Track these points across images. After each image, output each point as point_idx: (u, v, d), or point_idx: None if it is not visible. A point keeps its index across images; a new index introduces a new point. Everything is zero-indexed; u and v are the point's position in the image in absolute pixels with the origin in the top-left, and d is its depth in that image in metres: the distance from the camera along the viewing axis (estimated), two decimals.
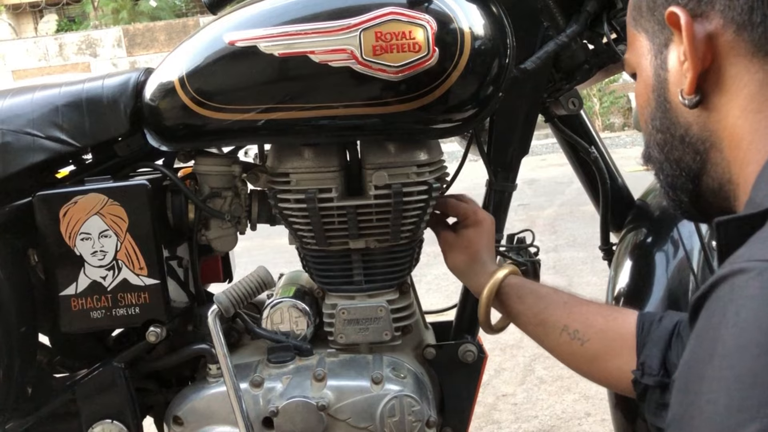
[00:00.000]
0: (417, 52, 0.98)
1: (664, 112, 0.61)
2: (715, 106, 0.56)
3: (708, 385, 0.40)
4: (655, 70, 0.61)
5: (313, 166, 1.10)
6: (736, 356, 0.39)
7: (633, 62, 0.66)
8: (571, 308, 0.97)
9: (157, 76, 1.10)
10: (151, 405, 1.26)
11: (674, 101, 0.59)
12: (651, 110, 0.63)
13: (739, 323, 0.40)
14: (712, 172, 0.59)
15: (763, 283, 0.40)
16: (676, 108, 0.59)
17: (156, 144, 1.13)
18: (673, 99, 0.59)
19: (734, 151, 0.56)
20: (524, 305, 1.02)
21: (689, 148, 0.60)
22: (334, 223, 1.12)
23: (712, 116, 0.57)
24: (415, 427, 1.10)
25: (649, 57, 0.62)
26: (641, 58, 0.64)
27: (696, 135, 0.59)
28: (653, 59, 0.61)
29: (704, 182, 0.61)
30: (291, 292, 1.21)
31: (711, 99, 0.56)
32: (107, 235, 1.09)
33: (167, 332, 1.15)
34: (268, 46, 1.01)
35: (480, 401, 2.25)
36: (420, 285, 3.26)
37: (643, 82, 0.64)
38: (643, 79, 0.64)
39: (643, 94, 0.64)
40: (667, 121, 0.61)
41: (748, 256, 0.43)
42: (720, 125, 0.57)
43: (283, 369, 1.15)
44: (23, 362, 1.13)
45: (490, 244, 1.13)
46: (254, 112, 1.04)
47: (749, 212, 0.49)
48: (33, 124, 1.12)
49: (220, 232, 1.22)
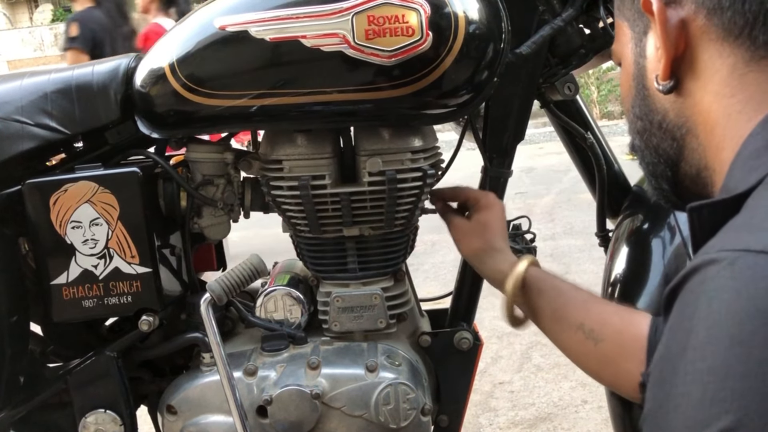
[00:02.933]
0: (410, 36, 0.97)
1: (642, 99, 0.62)
2: (690, 92, 0.57)
3: (681, 378, 0.40)
4: (635, 57, 0.62)
5: (306, 152, 1.09)
6: (709, 348, 0.39)
7: (618, 51, 0.67)
8: (590, 306, 0.93)
9: (148, 62, 1.09)
10: (145, 394, 1.26)
11: (652, 88, 0.60)
12: (632, 98, 0.63)
13: (711, 315, 0.39)
14: (690, 158, 0.60)
15: (734, 274, 0.39)
16: (654, 95, 0.60)
17: (147, 131, 1.11)
18: (650, 86, 0.60)
19: (709, 136, 0.56)
20: (543, 299, 0.98)
21: (666, 134, 0.60)
22: (328, 210, 1.11)
23: (687, 102, 0.58)
24: (410, 414, 1.10)
25: (630, 45, 0.63)
26: (624, 47, 0.64)
27: (672, 121, 0.59)
28: (634, 47, 0.62)
29: (682, 169, 0.61)
30: (285, 280, 1.20)
31: (685, 84, 0.57)
32: (98, 224, 1.08)
33: (160, 321, 1.14)
34: (259, 30, 0.99)
35: (477, 389, 2.25)
36: (417, 273, 3.26)
37: (625, 71, 0.64)
38: (625, 67, 0.65)
39: (625, 82, 0.65)
40: (645, 108, 0.62)
41: (720, 246, 0.42)
42: (694, 110, 0.57)
43: (277, 357, 1.14)
44: (15, 352, 1.12)
45: (504, 229, 1.10)
46: (246, 98, 1.02)
47: (722, 197, 0.48)
48: (22, 111, 1.10)
49: (212, 220, 1.20)
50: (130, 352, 1.19)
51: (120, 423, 1.15)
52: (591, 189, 1.36)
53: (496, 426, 2.14)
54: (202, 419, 1.13)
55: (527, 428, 2.12)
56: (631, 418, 1.14)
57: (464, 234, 1.10)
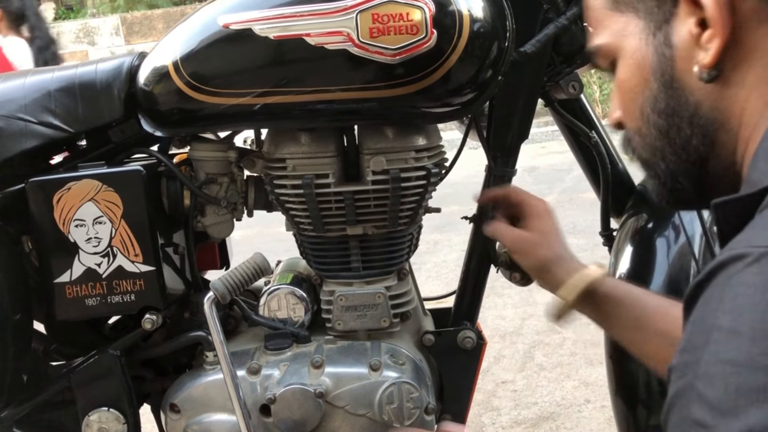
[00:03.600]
0: (415, 35, 0.97)
1: (669, 94, 0.57)
2: (730, 80, 0.53)
3: (704, 370, 0.40)
4: (656, 48, 0.57)
5: (309, 151, 1.09)
6: (733, 341, 0.39)
7: (613, 47, 0.62)
8: (667, 311, 0.90)
9: (151, 60, 1.09)
10: (148, 393, 1.26)
11: (683, 79, 0.56)
12: (650, 94, 0.59)
13: (736, 309, 0.40)
14: (720, 153, 0.56)
15: (761, 269, 0.39)
16: (686, 86, 0.56)
17: (150, 129, 1.11)
18: (681, 77, 0.56)
19: (744, 129, 0.54)
20: (623, 309, 0.94)
21: (698, 129, 0.56)
22: (332, 209, 1.11)
23: (725, 92, 0.54)
24: (413, 413, 1.09)
25: (644, 36, 0.58)
26: (628, 40, 0.60)
27: (706, 115, 0.55)
28: (650, 38, 0.58)
29: (710, 166, 0.58)
30: (288, 279, 1.20)
31: (726, 72, 0.53)
32: (102, 222, 1.08)
33: (163, 319, 1.14)
34: (263, 28, 0.99)
35: (479, 388, 2.25)
36: (420, 272, 3.25)
37: (636, 65, 0.60)
38: (634, 61, 0.60)
39: (634, 77, 0.60)
40: (673, 102, 0.57)
41: (746, 242, 0.42)
42: (732, 101, 0.54)
43: (280, 356, 1.14)
44: (18, 350, 1.12)
45: (563, 234, 1.04)
46: (249, 96, 1.02)
47: (746, 192, 0.47)
48: (25, 109, 1.10)
49: (216, 219, 1.20)
50: (134, 350, 1.19)
51: (123, 421, 1.15)
52: (595, 188, 1.36)
53: (499, 425, 2.14)
54: (206, 418, 1.13)
55: (530, 427, 2.11)
56: (635, 418, 1.14)
57: (531, 245, 1.03)
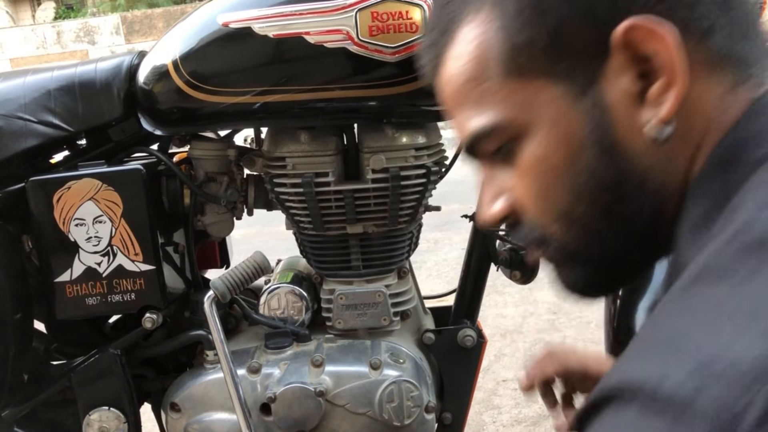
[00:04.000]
0: (414, 33, 0.97)
1: (611, 163, 0.47)
2: (679, 137, 0.46)
3: None
4: (587, 113, 0.47)
5: (309, 149, 1.09)
6: None
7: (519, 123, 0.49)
8: None
9: (151, 59, 1.09)
10: (149, 392, 1.26)
11: (626, 144, 0.47)
12: (585, 167, 0.48)
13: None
14: (668, 223, 0.49)
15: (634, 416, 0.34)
16: (630, 151, 0.47)
17: (150, 128, 1.11)
18: (624, 142, 0.47)
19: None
20: None
21: (648, 197, 0.48)
22: (332, 207, 1.11)
23: (672, 151, 0.46)
24: (413, 412, 1.10)
25: (566, 102, 0.47)
26: (542, 110, 0.48)
27: (657, 180, 0.47)
28: (575, 103, 0.47)
29: (657, 240, 0.50)
30: (289, 278, 1.20)
31: (677, 129, 0.46)
32: (102, 221, 1.08)
33: (164, 318, 1.14)
34: (263, 27, 0.99)
35: (480, 386, 2.25)
36: (420, 271, 3.25)
37: (561, 138, 0.48)
38: (558, 134, 0.48)
39: (559, 152, 0.48)
40: (618, 171, 0.47)
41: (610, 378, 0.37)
42: (680, 160, 0.47)
43: (280, 355, 1.14)
44: (19, 349, 1.12)
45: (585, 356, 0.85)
46: (249, 94, 1.02)
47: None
48: (25, 108, 1.10)
49: (216, 218, 1.20)
50: (134, 349, 1.19)
51: (124, 420, 1.15)
52: None
53: (500, 423, 2.14)
54: (206, 417, 1.13)
55: (531, 426, 2.11)
56: None
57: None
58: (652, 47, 0.44)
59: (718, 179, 0.44)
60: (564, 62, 0.47)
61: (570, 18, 0.45)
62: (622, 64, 0.45)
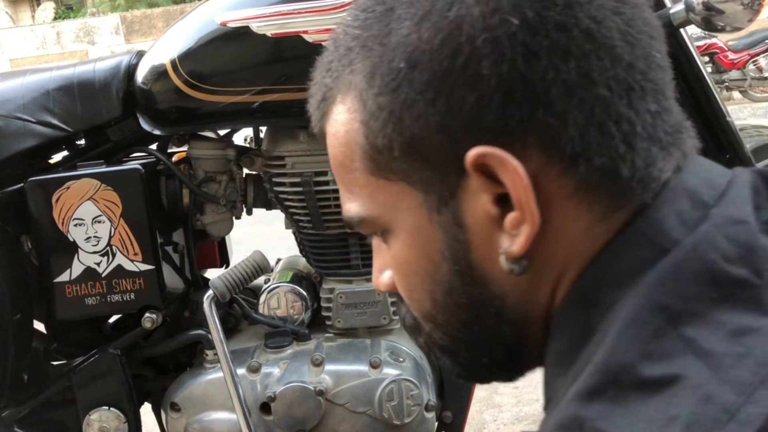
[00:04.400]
0: None
1: (468, 283, 0.45)
2: (538, 266, 0.43)
3: None
4: (444, 228, 0.44)
5: (308, 148, 1.09)
6: None
7: (383, 221, 0.47)
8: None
9: (149, 58, 1.09)
10: (149, 391, 1.26)
11: (483, 267, 0.44)
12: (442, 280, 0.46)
13: None
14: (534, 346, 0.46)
15: None
16: (487, 276, 0.44)
17: (149, 128, 1.11)
18: (480, 265, 0.44)
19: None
20: None
21: (507, 325, 0.45)
22: (331, 206, 1.11)
23: (534, 281, 0.43)
24: (414, 411, 1.09)
25: (425, 213, 0.44)
26: (403, 215, 0.45)
27: (516, 307, 0.45)
28: (433, 215, 0.44)
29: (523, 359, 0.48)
30: (288, 277, 1.20)
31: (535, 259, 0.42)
32: (101, 221, 1.08)
33: (163, 318, 1.14)
34: (261, 26, 0.99)
35: (480, 385, 2.25)
36: None
37: (419, 247, 0.46)
38: (417, 242, 0.46)
39: (419, 261, 0.46)
40: (474, 292, 0.45)
41: None
42: (542, 290, 0.44)
43: (280, 354, 1.14)
44: (18, 350, 1.12)
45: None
46: (248, 94, 1.02)
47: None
48: (24, 108, 1.10)
49: (215, 217, 1.20)
50: (134, 349, 1.19)
51: (124, 420, 1.15)
52: None
53: (501, 422, 2.14)
54: (206, 416, 1.13)
55: (532, 424, 2.11)
56: None
57: None
58: (506, 177, 0.40)
59: (579, 317, 0.42)
60: (422, 172, 0.43)
61: (426, 130, 0.42)
62: (479, 185, 0.41)
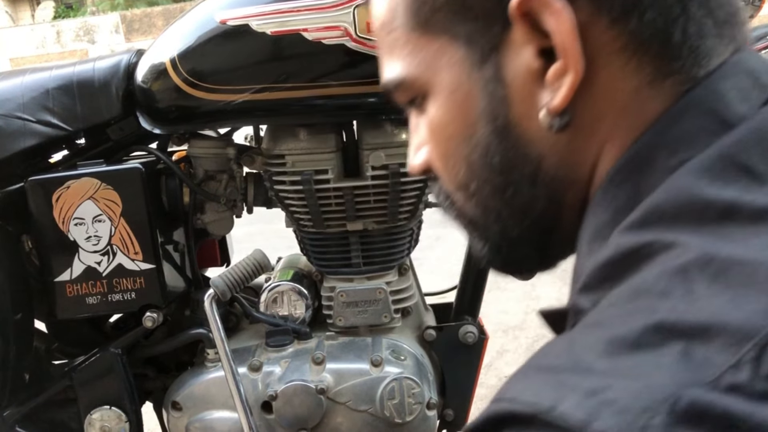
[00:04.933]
0: None
1: (505, 144, 0.43)
2: (581, 128, 0.41)
3: None
4: (484, 85, 0.43)
5: (308, 147, 1.09)
6: None
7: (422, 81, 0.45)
8: None
9: (149, 57, 1.08)
10: (150, 391, 1.26)
11: (522, 126, 0.42)
12: (478, 143, 0.44)
13: None
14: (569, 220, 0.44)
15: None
16: (526, 135, 0.42)
17: (149, 127, 1.11)
18: (519, 123, 0.42)
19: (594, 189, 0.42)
20: None
21: (542, 189, 0.43)
22: (331, 204, 1.10)
23: (575, 143, 0.41)
24: (415, 409, 1.09)
25: (465, 68, 0.43)
26: (443, 73, 0.44)
27: (551, 172, 0.43)
28: (473, 71, 0.43)
29: (556, 235, 0.46)
30: (289, 276, 1.20)
31: (577, 118, 0.40)
32: (101, 220, 1.08)
33: (164, 317, 1.14)
34: (260, 24, 0.99)
35: (483, 383, 2.24)
36: (422, 268, 3.25)
37: (457, 106, 0.44)
38: (455, 101, 0.44)
39: (455, 122, 0.45)
40: (510, 154, 0.43)
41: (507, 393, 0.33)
42: (583, 154, 0.42)
43: (281, 353, 1.14)
44: (19, 349, 1.12)
45: None
46: (248, 92, 1.02)
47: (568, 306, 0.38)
48: (23, 108, 1.10)
49: (215, 216, 1.20)
50: (135, 348, 1.19)
51: (125, 419, 1.15)
52: None
53: None
54: (207, 415, 1.13)
55: None
56: None
57: None
58: (549, 23, 0.38)
59: (627, 184, 0.39)
60: (465, 24, 0.42)
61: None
62: (523, 36, 0.40)
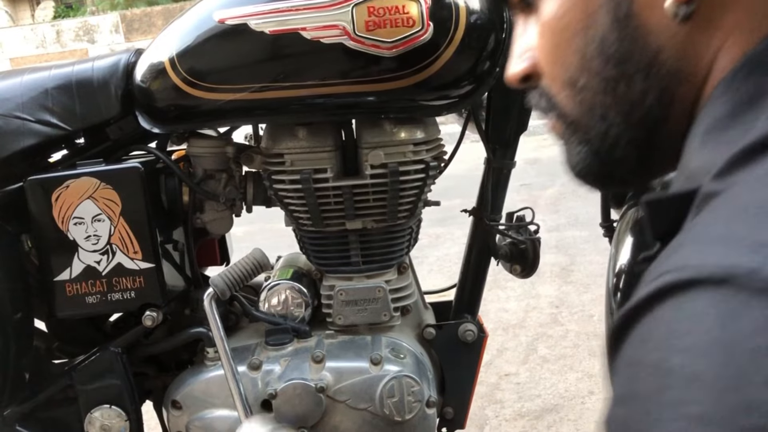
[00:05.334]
0: (411, 27, 0.96)
1: (624, 34, 0.44)
2: (704, 21, 0.41)
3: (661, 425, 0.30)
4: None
5: (307, 146, 1.09)
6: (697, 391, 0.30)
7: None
8: None
9: (148, 56, 1.09)
10: (150, 389, 1.26)
11: (644, 15, 0.43)
12: (596, 33, 0.45)
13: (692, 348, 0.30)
14: (678, 117, 0.44)
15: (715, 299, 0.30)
16: (647, 25, 0.43)
17: (148, 126, 1.11)
18: (642, 12, 0.43)
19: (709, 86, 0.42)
20: None
21: (655, 82, 0.44)
22: (330, 203, 1.10)
23: (696, 35, 0.42)
24: (415, 407, 1.09)
25: None
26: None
27: (668, 64, 0.43)
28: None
29: (662, 133, 0.46)
30: (289, 274, 1.20)
31: (702, 9, 0.41)
32: (100, 219, 1.08)
33: (164, 316, 1.14)
34: (259, 23, 0.99)
35: (482, 381, 2.25)
36: (421, 266, 3.25)
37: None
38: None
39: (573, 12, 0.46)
40: (627, 44, 0.44)
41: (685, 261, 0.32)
42: (703, 48, 0.42)
43: (281, 351, 1.14)
44: (20, 348, 1.12)
45: None
46: (246, 91, 1.02)
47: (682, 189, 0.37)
48: (22, 107, 1.10)
49: (215, 215, 1.20)
50: (135, 347, 1.19)
51: (125, 418, 1.15)
52: None
53: (502, 418, 2.14)
54: (207, 414, 1.13)
55: (533, 420, 2.11)
56: None
57: None
58: None
59: (750, 80, 0.38)
60: None
61: None
62: None
